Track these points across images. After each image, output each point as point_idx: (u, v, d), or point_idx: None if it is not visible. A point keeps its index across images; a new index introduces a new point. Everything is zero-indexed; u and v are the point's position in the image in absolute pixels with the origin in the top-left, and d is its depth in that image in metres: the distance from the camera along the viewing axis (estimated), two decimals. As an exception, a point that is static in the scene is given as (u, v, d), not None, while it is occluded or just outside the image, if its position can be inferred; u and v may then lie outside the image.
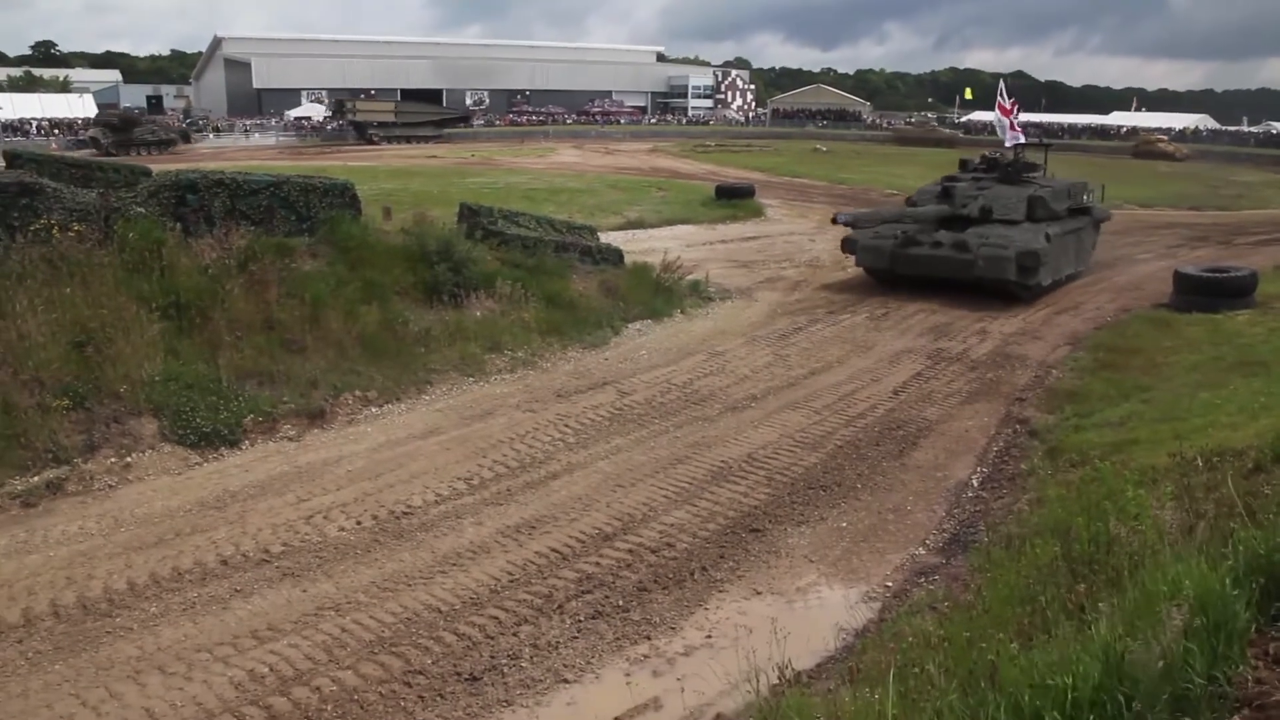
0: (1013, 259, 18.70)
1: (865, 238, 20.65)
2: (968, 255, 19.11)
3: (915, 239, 19.87)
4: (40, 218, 12.36)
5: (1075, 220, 21.92)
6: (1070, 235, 21.22)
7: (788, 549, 8.97)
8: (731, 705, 6.48)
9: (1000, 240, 19.12)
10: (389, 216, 17.44)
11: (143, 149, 56.43)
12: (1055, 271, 20.30)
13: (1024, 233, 19.48)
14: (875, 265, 20.65)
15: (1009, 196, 20.49)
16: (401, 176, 39.21)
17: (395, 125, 71.45)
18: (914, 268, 19.85)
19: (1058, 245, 20.09)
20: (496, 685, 6.77)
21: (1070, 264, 21.53)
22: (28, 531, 8.96)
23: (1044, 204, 20.46)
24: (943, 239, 19.67)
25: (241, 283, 12.83)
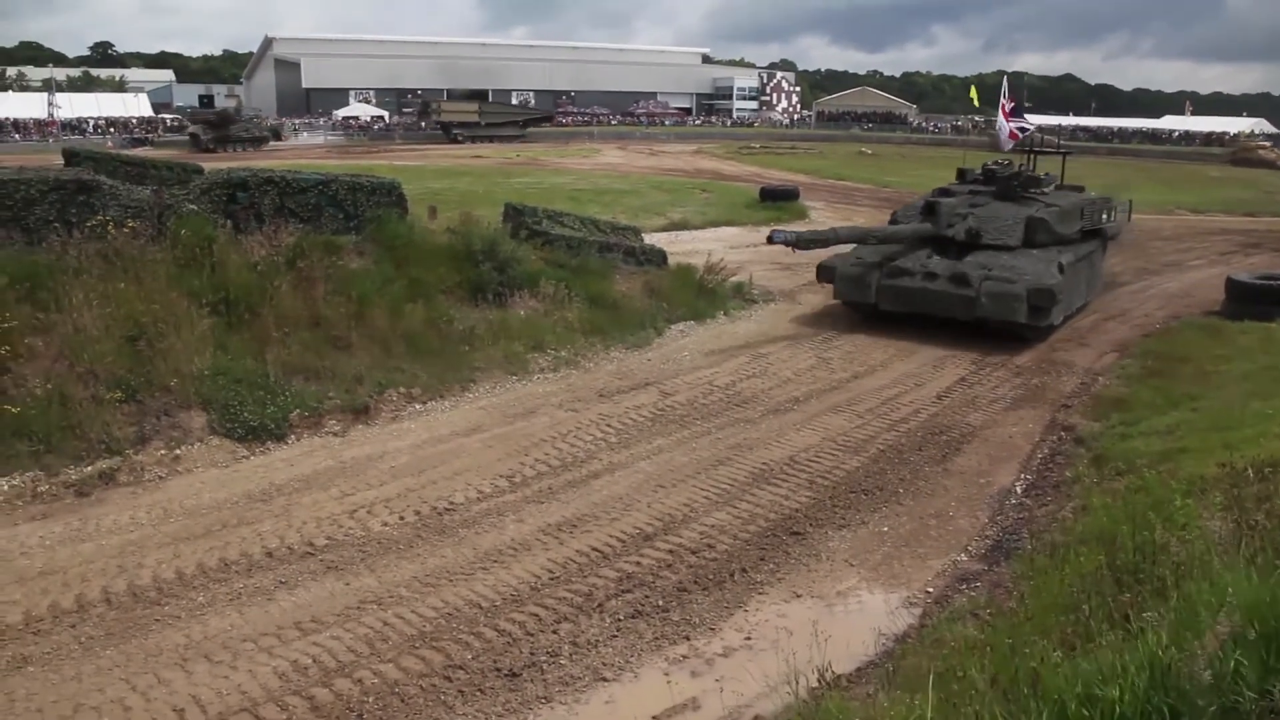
0: (1023, 297, 15.75)
1: (846, 264, 17.71)
2: (968, 290, 16.13)
3: (905, 268, 16.92)
4: (97, 214, 12.61)
5: (1088, 244, 18.95)
6: (1084, 262, 18.43)
7: (828, 552, 8.95)
8: (770, 707, 6.47)
9: (1007, 273, 16.20)
10: (435, 216, 17.59)
11: (237, 145, 58.72)
12: (1068, 307, 17.39)
13: (1034, 263, 16.62)
14: (857, 298, 17.56)
15: (1004, 217, 17.51)
16: (448, 176, 39.50)
17: (479, 125, 72.49)
18: (903, 303, 16.86)
19: (1071, 277, 17.22)
20: (536, 682, 6.81)
21: (1082, 295, 18.64)
22: (81, 520, 9.16)
23: (1046, 227, 17.33)
24: (937, 268, 16.67)
25: (289, 280, 13.01)
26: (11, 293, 11.10)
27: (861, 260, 17.56)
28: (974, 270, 16.34)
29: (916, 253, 17.31)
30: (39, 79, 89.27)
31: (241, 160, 46.83)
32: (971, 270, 16.36)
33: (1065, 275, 16.74)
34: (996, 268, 16.35)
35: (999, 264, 16.47)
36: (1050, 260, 16.75)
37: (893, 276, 16.89)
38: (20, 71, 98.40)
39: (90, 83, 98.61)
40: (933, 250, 17.24)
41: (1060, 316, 16.88)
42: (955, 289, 16.23)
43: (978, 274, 16.22)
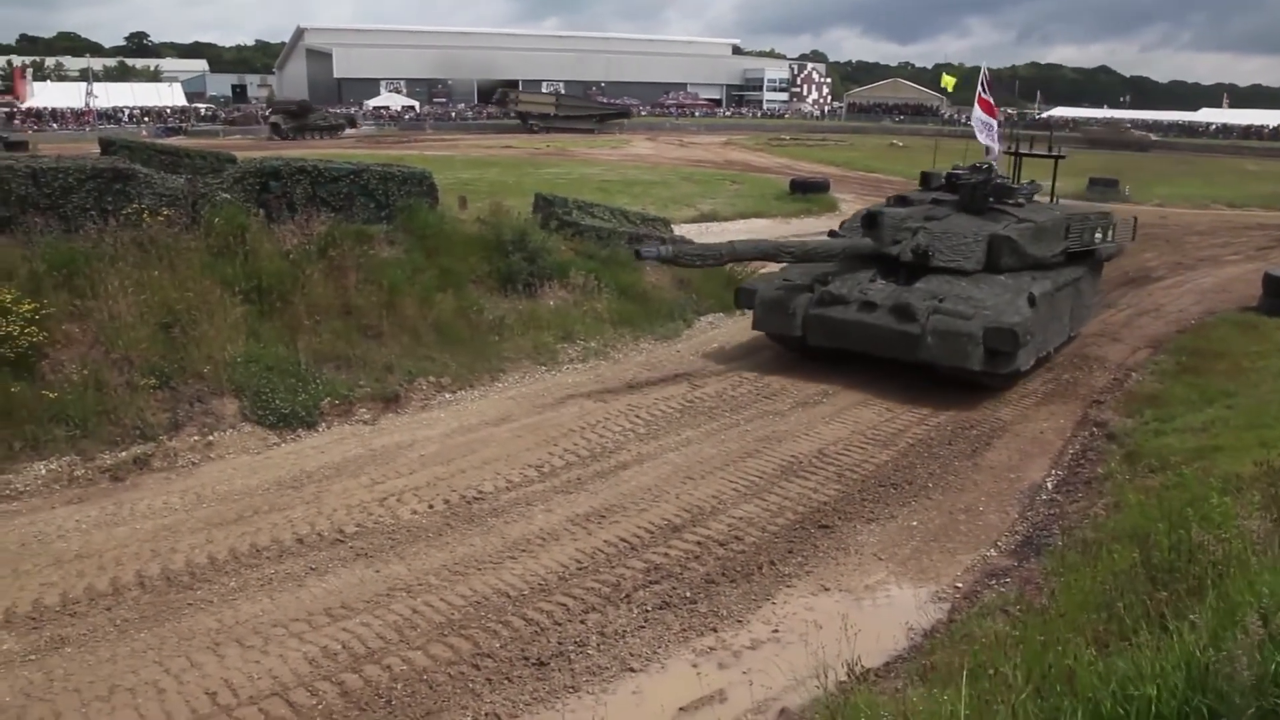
0: (978, 338, 12.51)
1: (769, 287, 14.49)
2: (911, 326, 12.91)
3: (838, 295, 13.70)
4: (132, 202, 12.73)
5: (1073, 269, 15.50)
6: (1066, 291, 14.94)
7: (857, 546, 8.91)
8: (797, 700, 6.47)
9: (962, 306, 13.04)
10: (465, 205, 17.64)
11: (315, 133, 60.54)
12: (1041, 347, 13.98)
13: (999, 293, 13.44)
14: (779, 330, 14.38)
15: (961, 234, 14.30)
16: (478, 166, 39.60)
17: (556, 117, 73.34)
18: (835, 337, 13.66)
19: (1046, 310, 13.87)
20: (563, 671, 6.83)
21: (1063, 330, 15.19)
22: (116, 504, 9.28)
23: (1013, 248, 14.07)
24: (877, 296, 13.54)
25: (321, 268, 13.10)
26: (49, 279, 11.25)
27: (790, 282, 14.36)
28: (921, 300, 13.17)
29: (858, 275, 14.28)
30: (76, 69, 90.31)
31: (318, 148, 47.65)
32: (918, 300, 13.17)
33: (1037, 309, 13.38)
34: (951, 298, 13.23)
35: (954, 293, 13.37)
36: (1019, 290, 13.53)
37: (823, 305, 13.69)
38: (59, 62, 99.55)
39: (126, 72, 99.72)
40: (878, 273, 14.29)
41: (1030, 360, 13.48)
42: (896, 323, 12.98)
43: (925, 305, 13.05)
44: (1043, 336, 13.84)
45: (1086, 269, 16.08)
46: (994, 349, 12.56)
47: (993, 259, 14.04)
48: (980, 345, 12.51)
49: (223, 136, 60.52)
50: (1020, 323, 12.66)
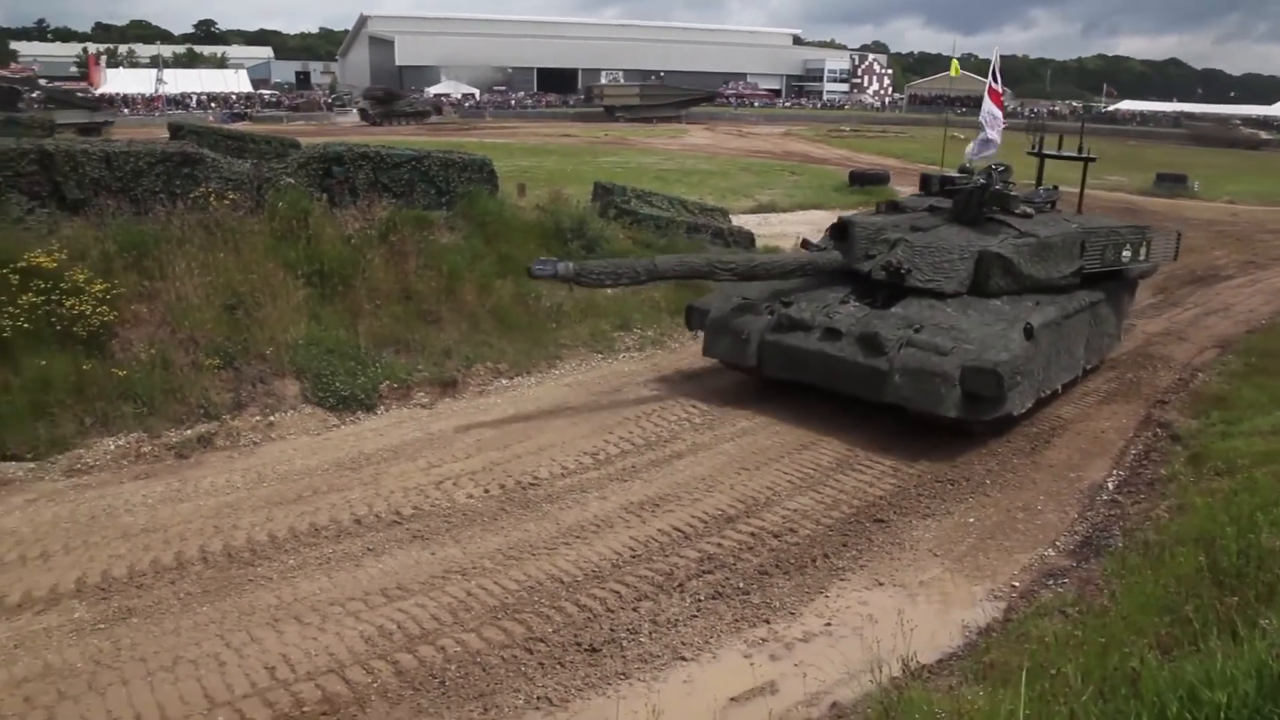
0: (953, 379, 10.42)
1: (723, 307, 12.48)
2: (878, 361, 10.90)
3: (799, 319, 11.73)
4: (199, 186, 12.98)
5: (1091, 291, 13.15)
6: (1080, 318, 12.76)
7: (912, 541, 8.83)
8: (849, 695, 6.43)
9: (940, 337, 10.92)
10: (523, 193, 17.74)
11: (402, 119, 62.20)
12: (1042, 386, 11.86)
13: (988, 322, 11.29)
14: (731, 358, 12.44)
15: (946, 249, 12.20)
16: (536, 154, 39.80)
17: (639, 107, 74.37)
18: (793, 368, 11.74)
19: (1050, 342, 11.79)
20: (615, 658, 6.85)
21: (1075, 364, 12.97)
22: (180, 481, 9.48)
23: (1006, 267, 11.91)
24: (844, 322, 11.51)
25: (382, 253, 13.26)
26: (120, 260, 11.51)
27: (748, 301, 12.39)
28: (892, 329, 11.12)
29: (828, 294, 12.29)
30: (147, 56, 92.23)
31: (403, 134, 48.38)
32: (888, 329, 11.12)
33: (1036, 343, 11.22)
34: (929, 327, 11.13)
35: (936, 321, 11.28)
36: (1014, 319, 11.33)
37: (781, 330, 11.75)
38: (130, 49, 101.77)
39: (194, 59, 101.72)
40: (852, 293, 12.31)
41: (1027, 401, 11.41)
42: (862, 356, 10.99)
43: (896, 336, 11.00)
44: (1045, 374, 11.73)
45: (1109, 292, 13.71)
46: (974, 393, 10.42)
47: (980, 280, 11.90)
48: (956, 387, 10.35)
49: (286, 122, 61.46)
50: (1007, 361, 10.38)
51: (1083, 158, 16.09)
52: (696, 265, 12.09)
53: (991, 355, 10.49)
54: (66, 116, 45.32)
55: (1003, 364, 10.34)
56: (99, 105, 57.29)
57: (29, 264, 10.67)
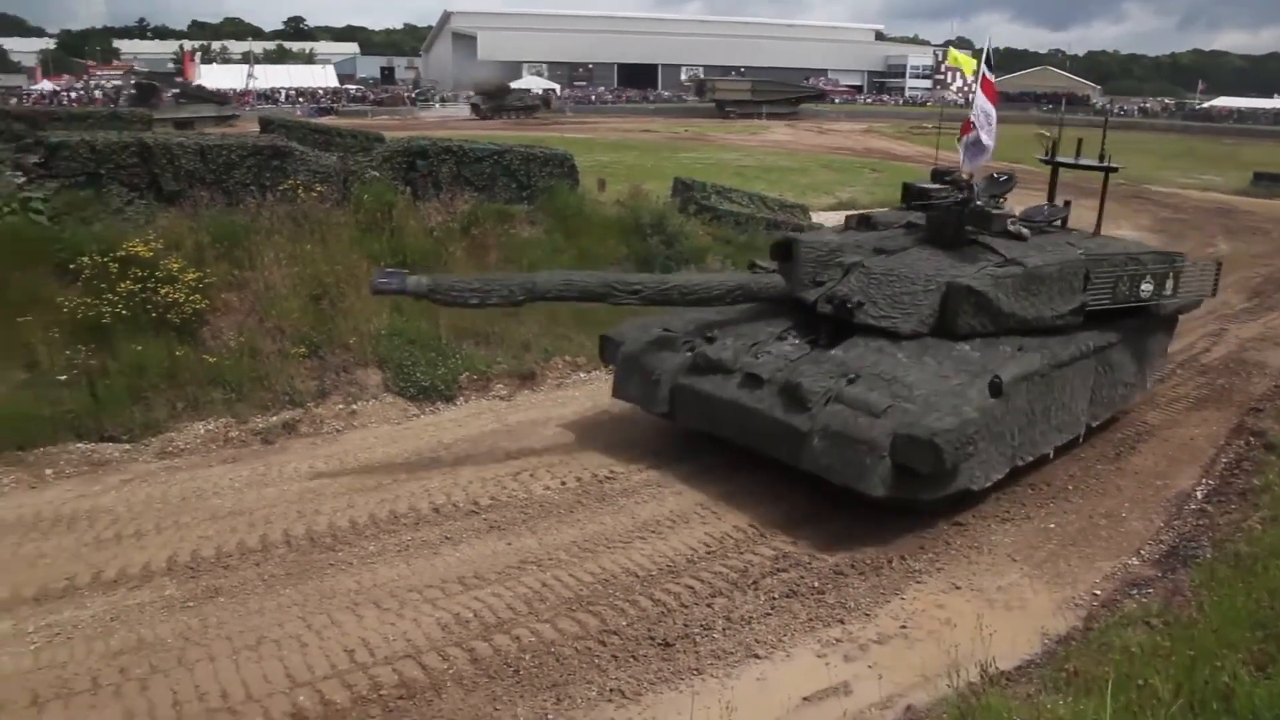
0: (881, 449, 8.26)
1: (636, 340, 10.57)
2: (797, 419, 8.84)
3: (717, 360, 9.77)
4: (288, 178, 13.31)
5: (1100, 333, 10.72)
6: (1081, 366, 10.35)
7: (990, 545, 8.67)
8: (924, 698, 6.35)
9: (874, 393, 8.76)
10: (604, 188, 17.82)
11: (512, 113, 63.63)
12: (1020, 451, 9.55)
13: (943, 373, 9.16)
14: (642, 402, 10.41)
15: (909, 278, 9.97)
16: (616, 149, 39.91)
17: (750, 103, 74.78)
18: (707, 419, 9.80)
19: (1032, 399, 9.54)
20: (688, 653, 6.85)
21: (1073, 421, 10.51)
22: (265, 466, 9.73)
23: (977, 304, 9.67)
24: (767, 367, 9.48)
25: (463, 246, 13.47)
26: (212, 250, 11.87)
27: (669, 334, 10.48)
28: (820, 379, 9.05)
29: (764, 327, 10.39)
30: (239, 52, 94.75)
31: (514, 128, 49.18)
32: (815, 379, 9.05)
33: (1007, 401, 9.02)
34: (868, 378, 9.05)
35: (877, 370, 9.19)
36: (981, 369, 9.15)
37: (696, 372, 9.86)
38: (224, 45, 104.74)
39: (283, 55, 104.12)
40: (793, 327, 10.35)
41: (993, 474, 9.14)
42: (781, 411, 8.99)
43: (823, 388, 8.93)
44: (1024, 436, 9.50)
45: (1129, 333, 11.20)
46: (908, 468, 8.20)
47: (947, 318, 9.72)
48: (885, 459, 8.19)
49: (370, 117, 62.54)
50: (953, 429, 8.12)
51: (1103, 167, 12.59)
52: (589, 286, 9.62)
53: (932, 420, 8.18)
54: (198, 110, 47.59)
55: (944, 433, 8.03)
56: (227, 100, 59.38)
57: (127, 253, 11.07)
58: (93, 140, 12.88)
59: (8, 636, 6.69)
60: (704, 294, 10.09)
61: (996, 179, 11.75)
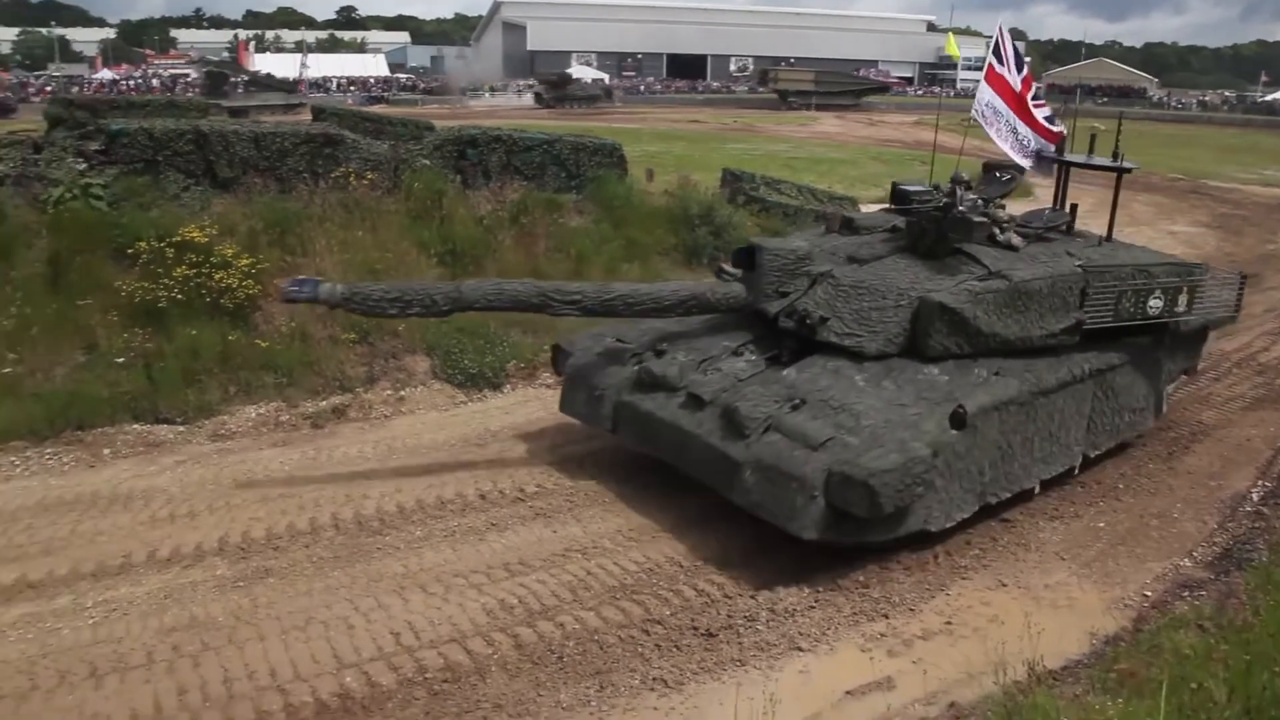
0: (813, 488, 7.49)
1: (586, 351, 9.98)
2: (733, 447, 8.11)
3: (662, 377, 9.05)
4: (340, 166, 13.47)
5: (1099, 354, 9.72)
6: (1075, 391, 9.38)
7: (1038, 543, 8.58)
8: (969, 695, 6.30)
9: (816, 423, 8.02)
10: (652, 178, 17.80)
11: (573, 103, 64.39)
12: (992, 488, 8.60)
13: (902, 399, 8.36)
14: (586, 419, 9.78)
15: (880, 291, 9.01)
16: (664, 140, 39.84)
17: (814, 94, 74.63)
18: (649, 440, 9.07)
19: (1007, 430, 8.61)
20: (731, 644, 6.85)
21: (1065, 452, 9.52)
22: (315, 450, 9.87)
23: (951, 322, 8.72)
24: (711, 387, 8.76)
25: (512, 235, 13.55)
26: (265, 236, 12.04)
27: (621, 345, 9.86)
28: (762, 403, 8.35)
29: (720, 341, 9.58)
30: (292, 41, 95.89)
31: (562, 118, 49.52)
32: (756, 403, 8.35)
33: (974, 434, 8.18)
34: (815, 404, 8.29)
35: (827, 395, 8.40)
36: (946, 396, 8.32)
37: (641, 389, 9.18)
38: (277, 35, 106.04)
39: (335, 44, 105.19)
40: (751, 341, 9.52)
41: (955, 513, 8.23)
42: (719, 438, 8.25)
43: (763, 414, 8.20)
44: (996, 471, 8.57)
45: (1134, 353, 10.14)
46: (840, 510, 7.42)
47: (918, 338, 8.82)
48: (818, 498, 7.44)
49: (420, 105, 62.97)
50: (894, 470, 7.29)
51: (1116, 168, 11.20)
52: (521, 295, 8.87)
53: (872, 459, 7.37)
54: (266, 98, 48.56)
55: (882, 474, 7.21)
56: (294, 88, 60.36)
57: (183, 238, 11.27)
58: (151, 128, 13.11)
59: (67, 611, 6.87)
60: (652, 305, 9.18)
61: (999, 178, 11.03)
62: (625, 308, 9.11)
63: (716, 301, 9.44)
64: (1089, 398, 9.61)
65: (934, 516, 7.99)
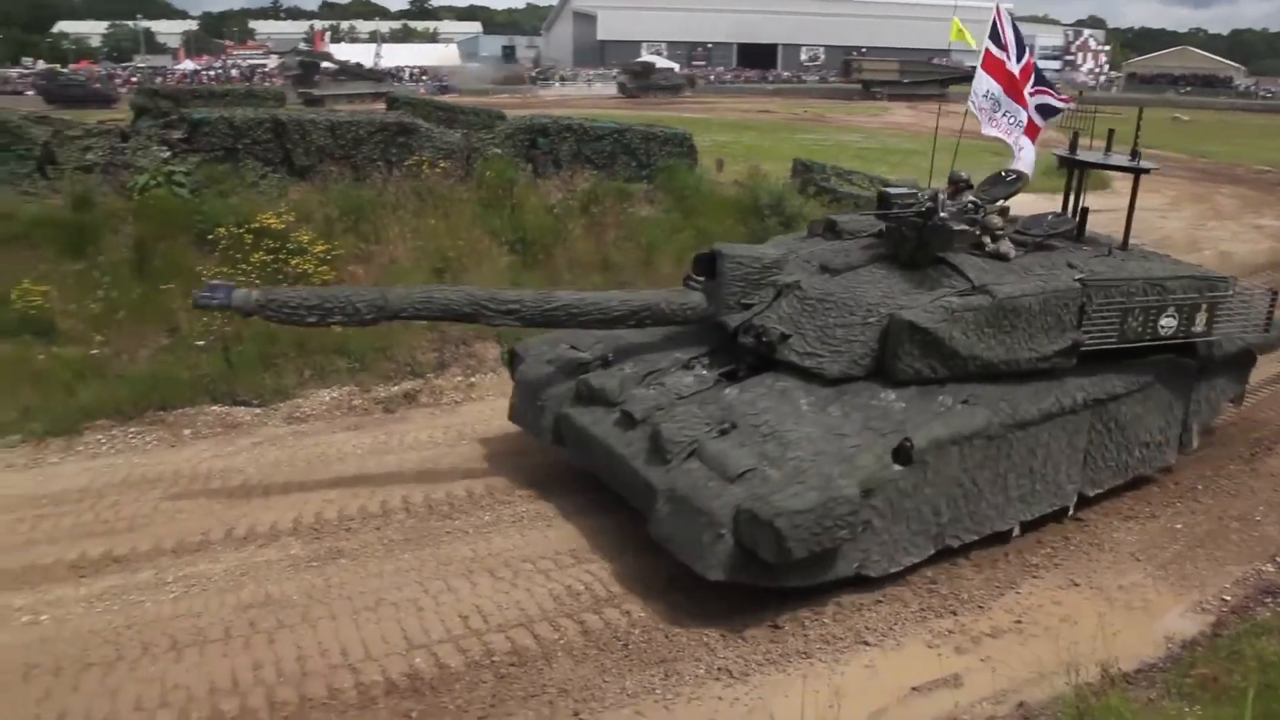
0: (722, 525, 6.73)
1: (536, 358, 9.38)
2: (654, 474, 7.45)
3: (601, 390, 8.43)
4: (414, 154, 13.65)
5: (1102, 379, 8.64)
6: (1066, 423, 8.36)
7: (1112, 543, 8.41)
8: (1038, 695, 6.22)
9: (737, 454, 7.24)
10: (722, 168, 17.75)
11: (656, 92, 65.01)
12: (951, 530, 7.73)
13: (848, 428, 7.46)
14: (530, 429, 9.21)
15: (850, 306, 8.16)
16: (734, 130, 39.69)
17: (898, 84, 74.08)
18: (584, 456, 8.50)
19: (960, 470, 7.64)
20: (797, 636, 6.84)
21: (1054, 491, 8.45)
22: (387, 434, 10.03)
23: (923, 344, 7.81)
24: (644, 404, 8.06)
25: (582, 223, 13.62)
26: (340, 223, 12.25)
27: (575, 354, 9.19)
28: (686, 428, 7.61)
29: (674, 353, 8.88)
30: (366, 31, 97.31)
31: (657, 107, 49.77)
32: (683, 425, 7.65)
33: (920, 473, 7.33)
34: (745, 429, 7.54)
35: (762, 420, 7.59)
36: (893, 428, 7.41)
37: (580, 402, 8.62)
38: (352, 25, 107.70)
39: (408, 34, 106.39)
40: (708, 354, 8.84)
41: (900, 558, 7.44)
42: (643, 462, 7.63)
43: (688, 438, 7.52)
44: (955, 513, 7.68)
45: (1149, 379, 9.02)
46: (750, 552, 6.67)
47: (887, 359, 7.93)
48: (724, 537, 6.71)
49: (491, 95, 63.44)
50: (806, 511, 6.50)
51: (1134, 168, 10.07)
52: (453, 303, 8.16)
53: (785, 497, 6.57)
54: (355, 87, 49.58)
55: (791, 515, 6.42)
56: (383, 78, 61.46)
57: (261, 225, 11.52)
58: (231, 117, 13.42)
59: (150, 585, 7.08)
60: (599, 316, 8.43)
61: (1004, 178, 10.15)
62: (569, 318, 8.41)
63: (673, 313, 8.70)
64: (1085, 430, 8.57)
65: (872, 561, 7.23)
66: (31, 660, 6.18)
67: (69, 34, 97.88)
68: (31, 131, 12.85)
